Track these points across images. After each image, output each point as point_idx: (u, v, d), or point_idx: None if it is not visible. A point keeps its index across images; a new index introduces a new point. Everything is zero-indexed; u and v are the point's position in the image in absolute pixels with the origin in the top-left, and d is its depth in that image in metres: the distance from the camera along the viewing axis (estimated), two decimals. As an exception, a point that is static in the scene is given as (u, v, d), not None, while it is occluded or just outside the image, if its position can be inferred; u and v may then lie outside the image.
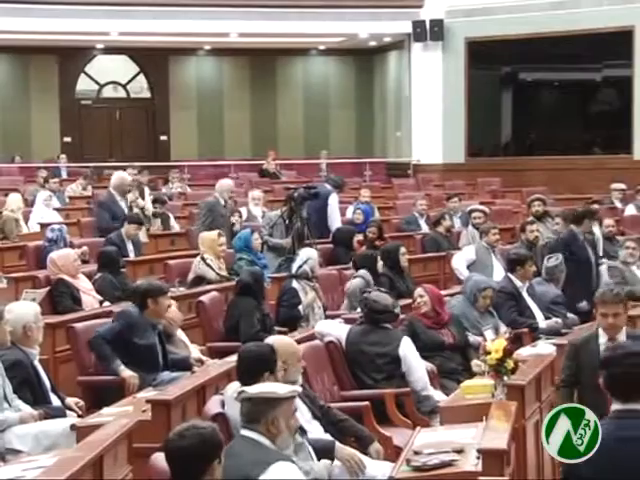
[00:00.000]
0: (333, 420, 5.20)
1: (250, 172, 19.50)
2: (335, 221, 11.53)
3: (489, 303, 7.66)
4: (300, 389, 4.42)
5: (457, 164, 19.63)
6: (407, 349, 6.29)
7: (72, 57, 21.84)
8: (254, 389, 4.04)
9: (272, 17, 19.05)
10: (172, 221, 12.42)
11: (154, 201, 12.42)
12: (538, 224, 10.56)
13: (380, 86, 22.95)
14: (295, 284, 8.19)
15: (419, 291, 7.19)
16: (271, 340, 5.11)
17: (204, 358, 6.70)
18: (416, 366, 6.29)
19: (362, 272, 8.45)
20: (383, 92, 22.71)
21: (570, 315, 8.29)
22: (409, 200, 14.24)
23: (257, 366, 4.54)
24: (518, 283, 8.12)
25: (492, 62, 20.11)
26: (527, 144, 20.38)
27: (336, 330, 6.53)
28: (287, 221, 12.01)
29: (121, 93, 23.07)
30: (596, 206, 11.75)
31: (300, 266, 8.29)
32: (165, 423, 4.96)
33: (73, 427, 5.09)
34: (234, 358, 6.30)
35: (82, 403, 5.83)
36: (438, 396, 6.27)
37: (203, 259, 9.01)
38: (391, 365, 6.22)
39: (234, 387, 4.64)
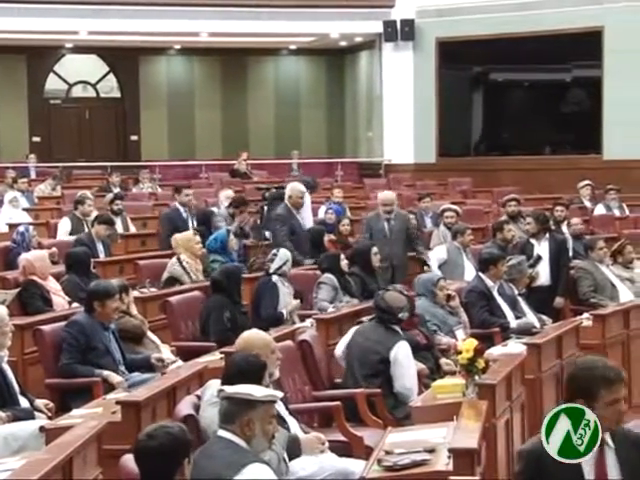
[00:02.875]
0: None
1: (221, 172, 19.46)
2: (307, 221, 11.52)
3: (447, 295, 7.66)
4: (281, 394, 4.38)
5: (428, 164, 19.67)
6: (400, 354, 6.20)
7: (41, 56, 21.68)
8: (232, 388, 4.02)
9: (243, 17, 19.02)
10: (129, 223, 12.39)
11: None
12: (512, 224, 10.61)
13: (351, 86, 22.96)
14: (274, 281, 8.17)
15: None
16: (244, 334, 5.10)
17: (173, 358, 6.67)
18: (402, 374, 6.19)
19: (325, 277, 8.43)
20: (354, 92, 22.72)
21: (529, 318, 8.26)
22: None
23: (241, 378, 4.43)
24: (489, 283, 8.14)
25: (463, 62, 20.17)
26: (498, 144, 20.45)
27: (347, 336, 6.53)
28: (259, 221, 12.04)
29: (91, 93, 22.93)
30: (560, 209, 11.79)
31: (280, 267, 8.28)
32: (135, 424, 4.93)
33: (42, 429, 5.05)
34: (206, 359, 6.32)
35: (51, 405, 5.80)
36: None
37: (179, 260, 8.98)
38: (381, 364, 6.20)
39: (213, 389, 4.61)
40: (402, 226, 10.26)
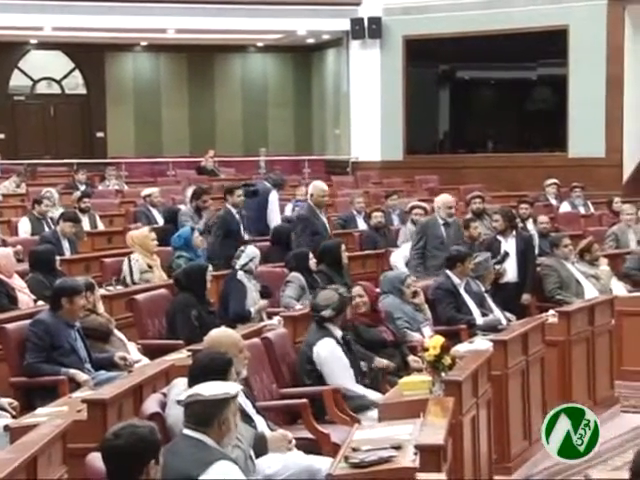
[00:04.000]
0: None
1: (188, 169, 19.40)
2: (274, 219, 11.51)
3: (413, 292, 7.69)
4: (240, 386, 4.39)
5: (395, 161, 19.72)
6: (321, 352, 6.19)
7: (5, 52, 21.50)
8: (206, 391, 4.00)
9: (210, 13, 18.96)
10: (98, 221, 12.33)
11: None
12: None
13: (318, 83, 22.97)
14: (240, 278, 8.15)
15: (358, 291, 7.17)
16: (212, 333, 5.10)
17: (138, 357, 6.64)
18: (331, 370, 6.17)
19: (292, 276, 8.43)
20: (321, 89, 22.73)
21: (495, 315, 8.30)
22: (347, 198, 14.27)
23: (208, 376, 4.42)
24: (456, 280, 8.17)
25: (429, 60, 20.24)
26: (464, 142, 20.54)
27: None
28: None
29: (56, 89, 22.78)
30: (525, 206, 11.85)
31: (246, 263, 8.26)
32: (101, 423, 4.90)
33: (7, 428, 5.01)
34: (173, 357, 6.30)
35: (16, 404, 5.74)
36: (372, 394, 6.26)
37: (129, 259, 8.98)
38: (308, 364, 6.21)
39: (180, 387, 4.59)
40: (458, 233, 9.69)
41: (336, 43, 21.25)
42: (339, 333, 6.38)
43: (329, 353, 6.19)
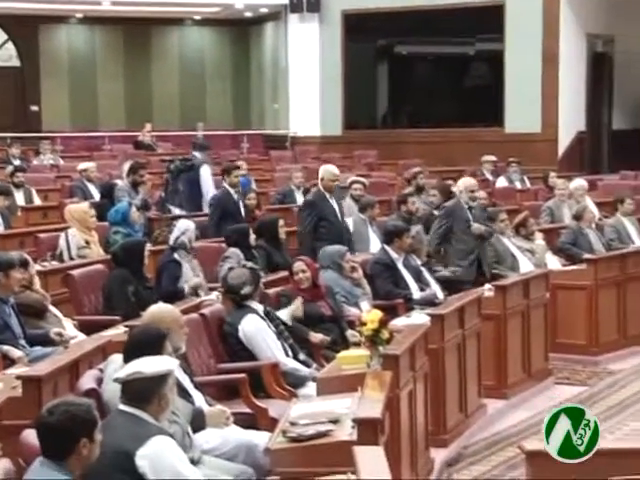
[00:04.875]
0: None
1: (125, 144, 19.20)
2: (208, 192, 11.44)
3: (351, 267, 7.72)
4: (178, 361, 4.37)
5: (334, 136, 19.72)
6: (246, 329, 6.17)
7: (-63, 23, 21.07)
8: (145, 367, 3.97)
9: (146, -14, 18.74)
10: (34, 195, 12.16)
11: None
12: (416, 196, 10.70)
13: (257, 58, 22.85)
14: (176, 256, 8.10)
15: (301, 266, 7.17)
16: (152, 308, 5.08)
17: (74, 333, 6.58)
18: (259, 347, 6.15)
19: (231, 252, 8.40)
20: (260, 64, 22.61)
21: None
22: (286, 173, 14.25)
23: (143, 351, 4.39)
24: (394, 255, 8.21)
25: (368, 35, 20.23)
26: (403, 117, 20.60)
27: None
28: (163, 194, 11.93)
29: (-12, 61, 22.38)
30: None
31: (178, 237, 8.20)
32: (36, 399, 4.85)
33: (-60, 406, 4.93)
34: (109, 333, 6.25)
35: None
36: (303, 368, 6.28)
37: (66, 234, 8.87)
38: (238, 345, 6.21)
39: (116, 363, 4.56)
40: (481, 215, 9.45)
41: (274, 17, 21.14)
42: (260, 307, 6.38)
43: (255, 328, 6.18)
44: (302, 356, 6.41)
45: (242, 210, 10.24)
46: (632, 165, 16.31)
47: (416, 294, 8.07)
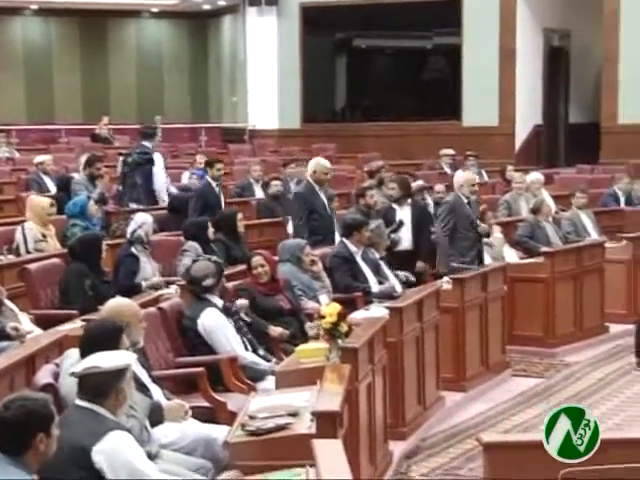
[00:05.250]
0: None
1: (82, 137, 19.05)
2: (159, 182, 11.38)
3: (311, 260, 7.73)
4: (135, 355, 4.35)
5: (293, 130, 19.71)
6: (206, 322, 6.15)
7: None
8: (103, 362, 3.95)
9: (103, -23, 18.60)
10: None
11: None
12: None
13: (215, 51, 22.76)
14: (133, 250, 8.05)
15: (259, 260, 7.15)
16: (111, 302, 5.07)
17: (31, 327, 6.51)
18: (218, 341, 6.14)
19: (189, 246, 8.36)
20: (218, 57, 22.53)
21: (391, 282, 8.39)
22: (244, 166, 14.21)
23: (100, 345, 4.37)
24: (353, 248, 8.22)
25: (326, 28, 20.23)
26: (361, 110, 20.64)
27: None
28: (121, 187, 11.84)
29: (-58, 53, 22.10)
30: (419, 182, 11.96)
31: (135, 230, 8.15)
32: (-8, 395, 4.80)
33: None
34: (66, 327, 6.19)
35: None
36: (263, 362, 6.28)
37: (22, 228, 8.78)
38: (197, 338, 6.19)
39: (73, 358, 4.53)
40: (476, 208, 9.33)
41: (232, 10, 21.07)
42: (219, 302, 6.36)
43: (214, 322, 6.17)
44: (261, 351, 6.40)
45: (222, 204, 10.15)
46: (588, 158, 16.49)
47: (375, 287, 8.08)
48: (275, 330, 6.74)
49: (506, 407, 7.54)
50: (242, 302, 6.69)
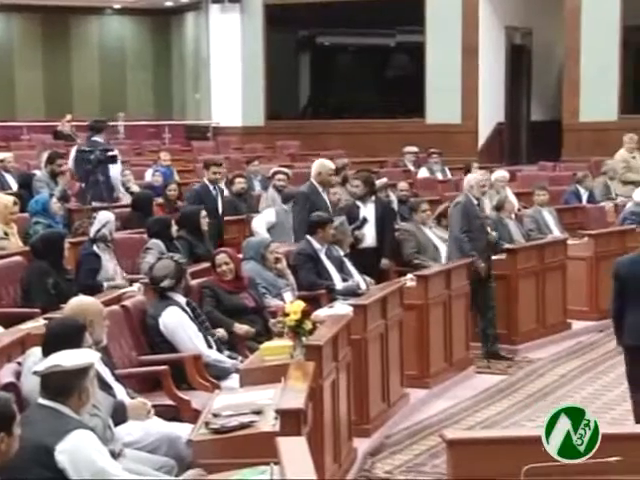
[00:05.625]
0: None
1: (44, 134, 18.90)
2: (116, 177, 11.33)
3: (275, 258, 7.72)
4: (98, 354, 4.32)
5: (256, 127, 19.68)
6: (166, 321, 6.13)
7: None
8: (66, 361, 3.92)
9: (65, -27, 18.47)
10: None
11: None
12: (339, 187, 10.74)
13: (178, 48, 22.67)
14: (95, 249, 8.00)
15: (224, 258, 7.13)
16: (73, 300, 5.03)
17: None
18: (181, 339, 6.11)
19: (152, 243, 8.32)
20: (181, 54, 22.45)
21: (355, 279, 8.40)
22: (208, 163, 14.15)
23: (63, 344, 4.34)
24: (317, 245, 8.22)
25: (290, 25, 20.23)
26: (325, 108, 20.64)
27: None
28: (84, 184, 11.76)
29: None
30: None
31: (99, 230, 8.10)
32: (-47, 395, 4.75)
33: None
34: (28, 325, 6.14)
35: None
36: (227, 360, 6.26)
37: None
38: (158, 337, 6.17)
39: (36, 356, 4.49)
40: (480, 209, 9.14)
41: (195, 7, 21.00)
42: (182, 300, 6.33)
43: (176, 321, 6.14)
44: (226, 351, 6.39)
45: (220, 208, 9.99)
46: (550, 156, 16.61)
47: (339, 285, 8.09)
48: (241, 328, 6.73)
49: (470, 404, 7.58)
50: (222, 334, 6.65)
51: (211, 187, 10.05)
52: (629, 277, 6.31)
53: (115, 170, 11.40)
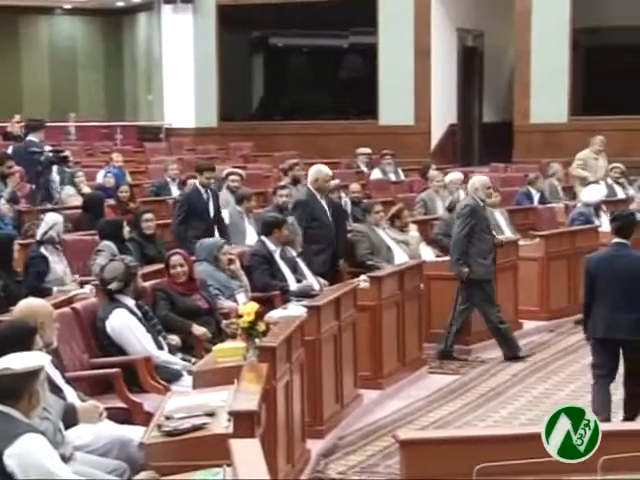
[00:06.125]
0: None
1: (-7, 135, 18.64)
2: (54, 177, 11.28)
3: (228, 260, 7.70)
4: (49, 356, 4.27)
5: (209, 128, 19.61)
6: (113, 324, 6.09)
7: None
8: (15, 363, 3.86)
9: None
10: None
11: None
12: (290, 188, 10.72)
13: (130, 48, 22.53)
14: (43, 251, 7.92)
15: (179, 260, 7.09)
16: (23, 303, 4.99)
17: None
18: (128, 341, 6.08)
19: (104, 245, 8.26)
20: (133, 54, 22.31)
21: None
22: (161, 164, 14.10)
23: (12, 346, 4.27)
24: (271, 247, 8.21)
25: (243, 26, 20.19)
26: (278, 109, 20.62)
27: None
28: (34, 186, 11.64)
29: None
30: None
31: (46, 232, 8.02)
32: None
33: None
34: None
35: None
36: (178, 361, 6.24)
37: None
38: (106, 339, 6.12)
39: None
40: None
41: (147, 7, 20.88)
42: (131, 302, 6.28)
43: (123, 324, 6.10)
44: (179, 354, 6.35)
45: (211, 212, 9.80)
46: (501, 157, 16.74)
47: (293, 286, 8.10)
48: (199, 329, 6.71)
49: (423, 404, 7.61)
50: (176, 341, 6.60)
51: (202, 191, 9.91)
52: (598, 273, 6.54)
53: (54, 171, 11.32)
